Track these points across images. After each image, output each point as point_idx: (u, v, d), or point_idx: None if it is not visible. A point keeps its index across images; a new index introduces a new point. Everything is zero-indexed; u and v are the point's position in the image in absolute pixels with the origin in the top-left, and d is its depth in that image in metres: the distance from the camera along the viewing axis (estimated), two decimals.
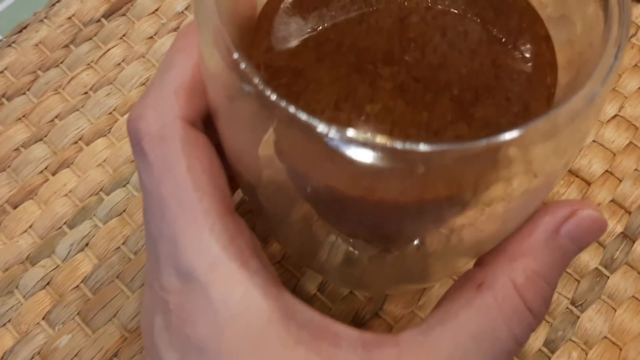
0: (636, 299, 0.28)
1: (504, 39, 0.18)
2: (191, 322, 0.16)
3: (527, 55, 0.18)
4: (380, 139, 0.12)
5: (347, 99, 0.16)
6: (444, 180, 0.14)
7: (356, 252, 0.19)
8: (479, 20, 0.18)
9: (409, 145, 0.12)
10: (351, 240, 0.20)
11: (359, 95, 0.16)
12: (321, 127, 0.12)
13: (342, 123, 0.16)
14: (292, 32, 0.18)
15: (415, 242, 0.20)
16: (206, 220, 0.16)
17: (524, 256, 0.17)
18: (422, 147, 0.12)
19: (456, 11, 0.18)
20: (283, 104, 0.13)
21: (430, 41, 0.18)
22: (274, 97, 0.13)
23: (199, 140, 0.18)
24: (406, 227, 0.17)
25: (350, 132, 0.12)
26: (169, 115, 0.17)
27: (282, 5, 0.18)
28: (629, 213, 0.29)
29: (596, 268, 0.28)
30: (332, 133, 0.12)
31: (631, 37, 0.34)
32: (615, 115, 0.32)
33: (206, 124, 0.18)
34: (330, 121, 0.16)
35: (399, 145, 0.12)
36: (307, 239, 0.19)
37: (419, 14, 0.18)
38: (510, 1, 0.19)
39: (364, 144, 0.12)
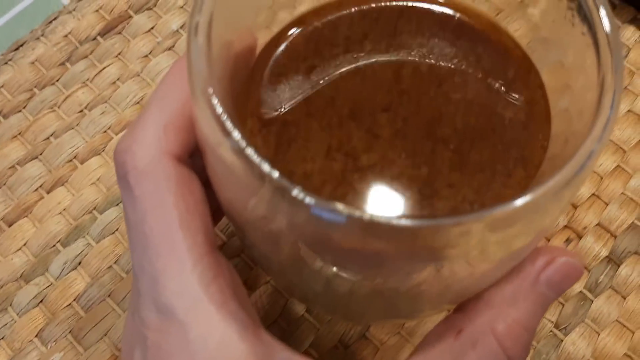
0: (620, 323, 0.28)
1: (499, 89, 0.18)
2: None
3: (522, 104, 0.18)
4: (358, 213, 0.12)
5: (338, 149, 0.17)
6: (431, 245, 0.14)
7: (344, 284, 0.20)
8: (474, 70, 0.18)
9: (386, 220, 0.12)
10: (337, 271, 0.21)
11: (351, 145, 0.17)
12: (302, 197, 0.12)
13: (335, 173, 0.16)
14: (284, 84, 0.18)
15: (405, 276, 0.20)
16: (188, 259, 0.16)
17: (503, 304, 0.17)
18: (405, 222, 0.12)
19: (451, 61, 0.19)
20: (273, 174, 0.13)
21: (425, 92, 0.18)
22: (263, 166, 0.13)
23: (185, 177, 0.18)
24: (398, 268, 0.18)
25: (336, 205, 0.12)
26: (156, 150, 0.18)
27: (274, 56, 0.18)
28: (615, 237, 0.30)
29: (580, 292, 0.29)
30: (313, 203, 0.12)
31: None
32: None
33: (195, 153, 0.19)
34: (321, 171, 0.16)
35: (377, 219, 0.12)
36: (293, 273, 0.20)
37: (413, 65, 0.18)
38: (505, 51, 0.19)
39: (343, 215, 0.12)
